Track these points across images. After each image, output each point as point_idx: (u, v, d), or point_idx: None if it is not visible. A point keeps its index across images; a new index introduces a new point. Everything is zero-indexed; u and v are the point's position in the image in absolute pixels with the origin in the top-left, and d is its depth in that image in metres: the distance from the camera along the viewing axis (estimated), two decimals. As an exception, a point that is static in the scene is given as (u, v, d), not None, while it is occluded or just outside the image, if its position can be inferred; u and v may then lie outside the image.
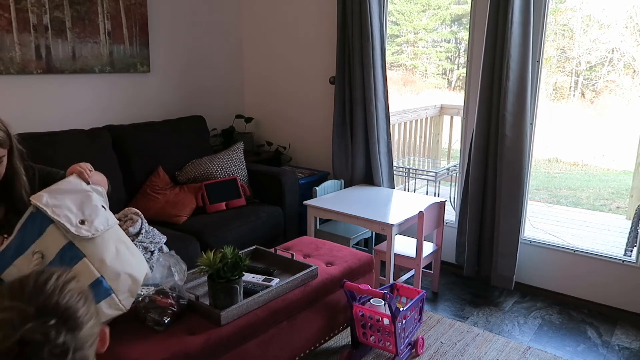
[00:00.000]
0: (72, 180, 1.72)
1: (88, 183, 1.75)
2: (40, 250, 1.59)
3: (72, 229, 1.59)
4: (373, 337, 2.22)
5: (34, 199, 1.59)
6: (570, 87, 8.27)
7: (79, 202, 1.67)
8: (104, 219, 1.69)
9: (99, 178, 1.88)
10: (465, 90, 3.16)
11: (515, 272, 3.00)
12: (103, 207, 1.73)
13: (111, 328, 1.68)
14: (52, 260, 1.59)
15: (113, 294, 1.62)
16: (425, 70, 9.68)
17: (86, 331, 0.83)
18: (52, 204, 1.60)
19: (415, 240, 2.81)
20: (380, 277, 2.91)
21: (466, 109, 3.15)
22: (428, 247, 2.95)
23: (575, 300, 2.95)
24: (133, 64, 3.27)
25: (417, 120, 4.86)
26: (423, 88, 9.42)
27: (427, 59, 9.60)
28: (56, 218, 1.58)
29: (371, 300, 2.24)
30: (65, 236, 1.59)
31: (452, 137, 5.03)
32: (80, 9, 2.95)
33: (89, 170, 1.78)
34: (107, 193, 1.87)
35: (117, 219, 2.48)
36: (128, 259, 1.70)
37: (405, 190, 4.26)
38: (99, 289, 1.60)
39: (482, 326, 2.67)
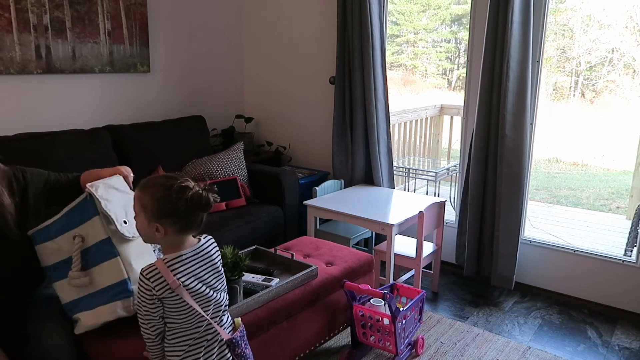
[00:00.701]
0: (120, 180, 1.80)
1: (131, 188, 1.82)
2: (82, 235, 1.66)
3: (118, 226, 1.66)
4: (373, 337, 2.22)
5: (89, 187, 1.66)
6: (570, 87, 8.26)
7: (124, 203, 1.73)
8: None
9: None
10: (465, 90, 3.16)
11: (515, 272, 3.00)
12: None
13: (110, 326, 1.69)
14: (90, 247, 1.66)
15: (131, 297, 1.67)
16: (425, 70, 9.68)
17: None
18: (105, 198, 1.67)
19: (415, 240, 2.81)
20: (380, 277, 2.91)
21: (466, 109, 3.15)
22: (428, 247, 2.95)
23: (575, 300, 2.95)
24: (133, 64, 3.27)
25: (417, 120, 4.86)
26: (423, 88, 9.42)
27: (427, 59, 9.60)
28: (107, 212, 1.64)
29: (371, 300, 2.24)
30: (105, 230, 1.66)
31: (452, 137, 5.03)
32: (80, 9, 2.95)
33: (132, 176, 1.88)
34: None
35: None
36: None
37: (405, 190, 4.26)
38: (123, 289, 1.66)
39: (482, 326, 2.67)
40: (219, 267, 1.52)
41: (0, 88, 2.71)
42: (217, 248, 1.54)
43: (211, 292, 1.47)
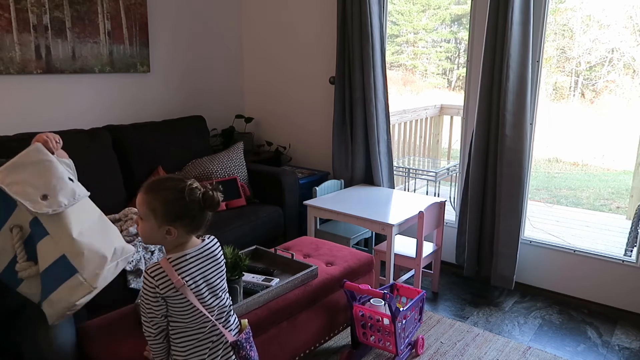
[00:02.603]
0: (31, 151, 1.58)
1: (52, 153, 1.64)
2: (18, 224, 1.55)
3: (31, 207, 1.49)
4: (373, 337, 2.22)
5: None
6: (570, 87, 8.26)
7: (41, 174, 1.56)
8: (70, 192, 1.58)
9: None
10: (465, 90, 3.16)
11: (515, 272, 3.00)
12: (70, 179, 1.62)
13: (110, 326, 1.69)
14: (29, 234, 1.55)
15: (77, 274, 1.53)
16: (425, 70, 9.68)
17: None
18: (9, 181, 1.51)
19: (415, 240, 2.81)
20: (380, 277, 2.91)
21: (466, 109, 3.15)
22: (428, 247, 2.95)
23: (575, 300, 2.95)
24: (133, 64, 3.27)
25: (417, 120, 4.86)
26: (423, 88, 9.42)
27: (427, 59, 9.60)
28: (14, 196, 1.49)
29: (371, 300, 2.24)
30: (30, 211, 1.52)
31: (452, 137, 5.03)
32: (80, 9, 2.95)
33: (56, 141, 1.68)
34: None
35: (118, 218, 2.49)
36: (95, 235, 1.61)
37: (405, 190, 4.26)
38: (63, 267, 1.53)
39: (482, 326, 2.67)
40: (222, 267, 1.52)
41: (0, 88, 2.71)
42: (220, 248, 1.55)
43: (216, 292, 1.48)
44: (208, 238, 1.53)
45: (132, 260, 2.25)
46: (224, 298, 1.52)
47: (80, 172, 2.75)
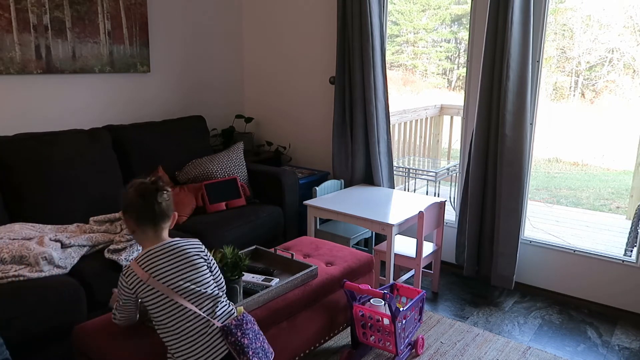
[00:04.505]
0: None
1: None
2: None
3: None
4: (373, 337, 2.22)
5: None
6: (570, 87, 8.26)
7: None
8: None
9: None
10: (465, 90, 3.16)
11: (515, 272, 3.00)
12: None
13: (110, 326, 1.69)
14: None
15: None
16: (425, 70, 9.67)
17: None
18: None
19: (415, 240, 2.81)
20: (380, 277, 2.91)
21: (466, 109, 3.15)
22: (428, 247, 2.95)
23: (575, 300, 2.95)
24: (133, 64, 3.27)
25: (417, 120, 4.86)
26: (423, 88, 9.42)
27: (427, 58, 9.60)
28: None
29: (371, 300, 2.24)
30: None
31: (452, 137, 5.03)
32: (80, 9, 2.95)
33: None
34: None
35: (118, 217, 2.49)
36: None
37: (405, 190, 4.26)
38: None
39: (482, 326, 2.67)
40: (196, 263, 1.60)
41: (0, 88, 2.71)
42: (196, 247, 1.63)
43: (189, 284, 1.56)
44: (186, 239, 1.63)
45: (131, 259, 2.26)
46: (204, 290, 1.57)
47: (80, 172, 2.77)
